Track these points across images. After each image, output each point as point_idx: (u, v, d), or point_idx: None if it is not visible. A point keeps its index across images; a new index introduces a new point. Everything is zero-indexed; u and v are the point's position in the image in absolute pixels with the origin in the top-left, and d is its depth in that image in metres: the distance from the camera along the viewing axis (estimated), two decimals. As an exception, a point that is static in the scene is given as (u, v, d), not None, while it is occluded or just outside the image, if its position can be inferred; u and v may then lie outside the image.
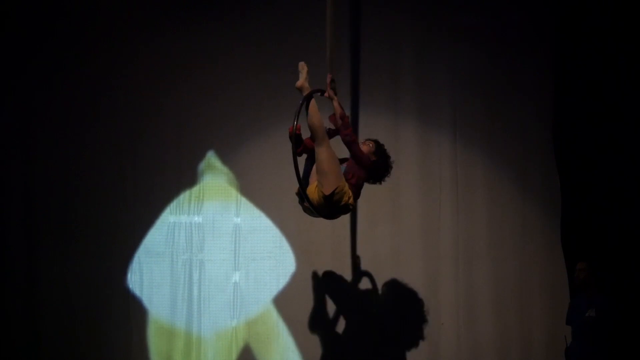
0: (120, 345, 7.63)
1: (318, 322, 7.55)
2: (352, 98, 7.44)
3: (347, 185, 5.95)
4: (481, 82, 7.60)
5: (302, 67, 6.02)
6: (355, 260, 7.53)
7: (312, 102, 5.92)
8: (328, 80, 6.04)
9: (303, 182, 5.98)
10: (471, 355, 7.48)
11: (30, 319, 7.66)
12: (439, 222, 7.56)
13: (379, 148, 6.20)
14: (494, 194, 7.58)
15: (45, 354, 7.62)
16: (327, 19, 6.05)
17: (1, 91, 7.84)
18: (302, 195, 6.00)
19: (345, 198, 5.94)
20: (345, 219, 7.39)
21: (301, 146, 6.04)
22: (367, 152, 6.12)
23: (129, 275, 7.68)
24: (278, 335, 7.58)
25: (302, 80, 5.98)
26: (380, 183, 6.26)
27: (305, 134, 6.00)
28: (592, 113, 7.49)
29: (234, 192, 7.70)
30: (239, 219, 7.67)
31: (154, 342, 7.67)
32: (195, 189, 7.73)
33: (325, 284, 7.55)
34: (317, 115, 5.90)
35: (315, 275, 7.55)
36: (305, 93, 5.92)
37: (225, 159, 7.75)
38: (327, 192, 5.85)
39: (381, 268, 7.54)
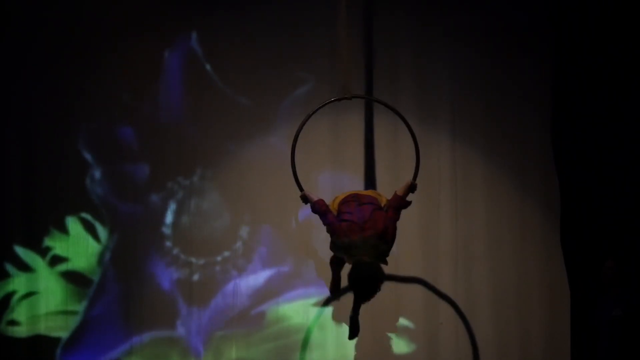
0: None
1: (316, 322, 7.57)
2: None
3: None
4: (480, 81, 7.60)
5: None
6: None
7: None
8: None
9: None
10: (470, 355, 7.48)
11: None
12: (438, 221, 7.55)
13: None
14: (493, 194, 7.57)
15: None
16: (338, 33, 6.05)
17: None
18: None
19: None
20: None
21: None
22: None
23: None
24: (276, 339, 7.57)
25: None
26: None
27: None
28: (591, 113, 7.49)
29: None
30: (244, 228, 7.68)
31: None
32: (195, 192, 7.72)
33: (323, 284, 7.56)
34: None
35: (313, 276, 7.54)
36: None
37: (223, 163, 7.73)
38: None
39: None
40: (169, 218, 7.66)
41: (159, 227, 7.63)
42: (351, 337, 6.16)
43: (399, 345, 7.52)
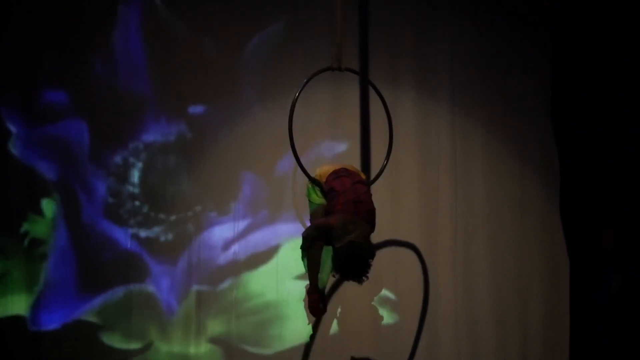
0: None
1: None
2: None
3: None
4: (479, 54, 7.52)
5: None
6: None
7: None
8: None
9: None
10: (469, 326, 7.44)
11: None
12: (437, 194, 7.48)
13: None
14: (493, 166, 7.52)
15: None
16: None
17: None
18: None
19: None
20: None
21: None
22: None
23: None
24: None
25: None
26: None
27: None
28: (590, 84, 7.47)
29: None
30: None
31: None
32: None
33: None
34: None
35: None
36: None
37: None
38: None
39: (379, 240, 7.38)
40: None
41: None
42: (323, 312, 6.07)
43: (393, 318, 7.46)
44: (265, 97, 7.52)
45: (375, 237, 7.28)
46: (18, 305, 7.43)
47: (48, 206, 7.47)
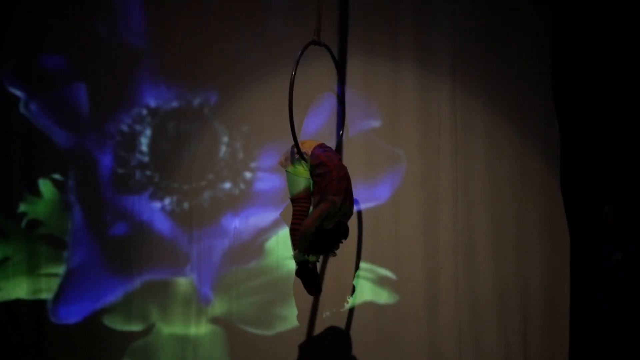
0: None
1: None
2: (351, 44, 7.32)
3: None
4: (480, 26, 7.50)
5: None
6: None
7: None
8: None
9: None
10: (470, 299, 7.42)
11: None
12: (438, 167, 7.46)
13: None
14: (493, 139, 7.50)
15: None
16: None
17: None
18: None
19: None
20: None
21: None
22: None
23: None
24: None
25: None
26: None
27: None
28: (591, 57, 7.48)
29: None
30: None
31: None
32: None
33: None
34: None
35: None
36: None
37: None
38: None
39: (380, 212, 7.45)
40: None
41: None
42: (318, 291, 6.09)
43: (398, 290, 7.45)
44: (270, 69, 7.46)
45: (375, 210, 7.41)
46: (19, 288, 7.39)
47: (45, 186, 7.42)
